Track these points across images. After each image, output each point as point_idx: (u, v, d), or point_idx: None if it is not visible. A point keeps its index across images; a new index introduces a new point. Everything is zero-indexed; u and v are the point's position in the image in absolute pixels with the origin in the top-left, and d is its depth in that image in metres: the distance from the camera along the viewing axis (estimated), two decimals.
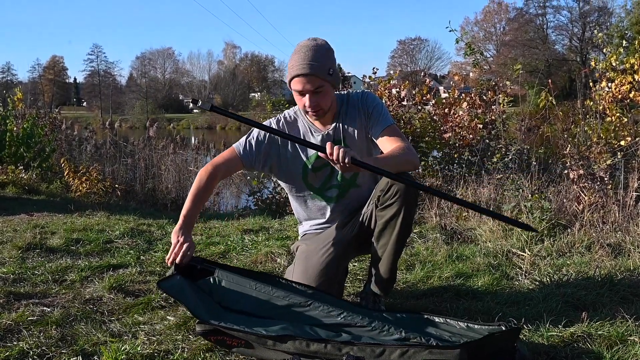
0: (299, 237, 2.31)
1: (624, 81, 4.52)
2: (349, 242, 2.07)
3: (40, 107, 11.85)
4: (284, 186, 2.23)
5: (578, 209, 3.54)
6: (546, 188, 3.94)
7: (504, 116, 5.43)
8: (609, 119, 4.51)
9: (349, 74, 6.30)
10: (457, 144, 5.16)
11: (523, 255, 2.82)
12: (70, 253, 2.93)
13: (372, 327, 1.75)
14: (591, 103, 4.79)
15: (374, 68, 5.73)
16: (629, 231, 3.13)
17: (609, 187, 3.68)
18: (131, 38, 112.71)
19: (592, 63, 5.00)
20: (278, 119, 2.13)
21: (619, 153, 4.07)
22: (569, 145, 4.22)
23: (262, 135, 2.08)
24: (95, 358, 1.68)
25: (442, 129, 5.34)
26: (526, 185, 3.88)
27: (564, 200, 3.69)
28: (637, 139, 4.20)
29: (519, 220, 3.33)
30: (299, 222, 2.29)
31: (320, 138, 2.05)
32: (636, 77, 4.46)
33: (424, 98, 5.61)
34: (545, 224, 3.22)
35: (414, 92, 5.73)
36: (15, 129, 7.04)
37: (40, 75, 64.49)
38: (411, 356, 1.50)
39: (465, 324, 1.77)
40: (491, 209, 3.71)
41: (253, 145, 2.06)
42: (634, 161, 3.91)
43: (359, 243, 2.08)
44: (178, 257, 1.80)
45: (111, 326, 1.91)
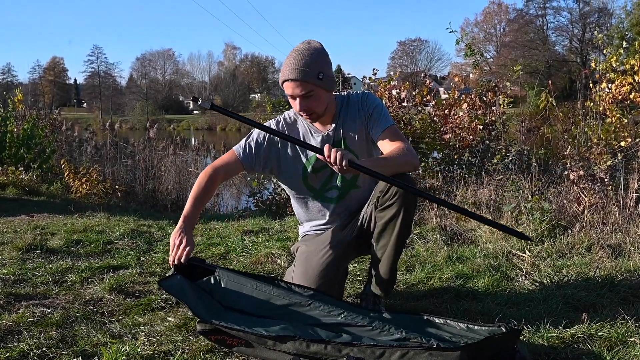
0: (299, 237, 2.31)
1: (624, 82, 4.52)
2: (349, 243, 2.07)
3: (41, 108, 11.83)
4: (284, 187, 2.23)
5: (578, 210, 3.54)
6: (546, 189, 3.94)
7: (504, 117, 5.42)
8: (609, 120, 4.52)
9: (349, 75, 6.31)
10: (457, 145, 5.16)
11: (523, 257, 2.82)
12: (71, 254, 2.93)
13: (372, 327, 1.75)
14: (591, 104, 4.79)
15: (374, 69, 5.75)
16: (629, 232, 3.13)
17: (609, 188, 3.68)
18: (131, 39, 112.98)
19: (592, 64, 5.00)
20: (278, 120, 2.13)
21: (619, 154, 4.07)
22: (569, 146, 4.23)
23: (261, 137, 2.08)
24: (96, 359, 1.68)
25: (442, 130, 5.34)
26: (526, 186, 3.88)
27: (564, 201, 3.69)
28: (637, 140, 4.20)
29: (515, 228, 3.34)
30: (300, 222, 2.29)
31: (320, 139, 2.05)
32: (636, 78, 4.46)
33: (424, 99, 5.60)
34: (545, 225, 3.22)
35: (414, 93, 5.72)
36: (15, 130, 7.05)
37: (40, 76, 64.59)
38: (411, 358, 1.50)
39: (466, 324, 1.78)
40: (491, 210, 3.71)
41: (253, 148, 2.06)
42: (634, 162, 3.91)
43: (359, 244, 2.08)
44: (177, 257, 1.81)
45: (111, 327, 1.91)
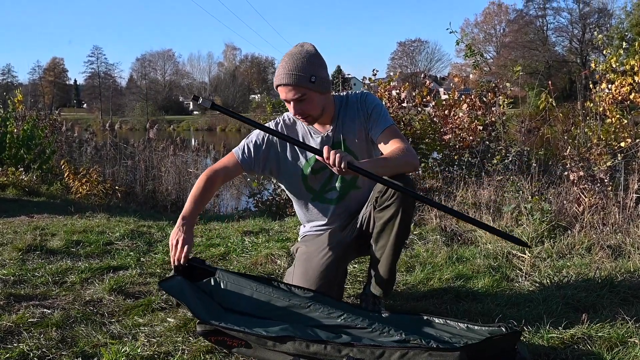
0: (299, 238, 2.31)
1: (624, 83, 4.53)
2: (348, 244, 2.07)
3: (41, 108, 11.84)
4: (285, 188, 2.23)
5: (578, 210, 3.54)
6: (546, 190, 3.94)
7: (504, 118, 5.43)
8: (609, 120, 4.52)
9: (349, 76, 6.31)
10: (457, 146, 5.16)
11: (523, 257, 2.82)
12: (71, 255, 2.93)
13: (372, 329, 1.75)
14: (591, 105, 4.80)
15: (374, 70, 5.74)
16: (629, 233, 3.13)
17: (609, 188, 3.68)
18: (131, 39, 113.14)
19: (592, 65, 5.00)
20: (277, 121, 2.12)
21: (619, 154, 4.07)
22: (569, 147, 4.23)
23: (260, 138, 2.07)
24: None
25: (442, 130, 5.34)
26: (526, 187, 3.88)
27: (564, 202, 3.69)
28: (637, 140, 4.20)
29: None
30: (301, 222, 2.29)
31: (319, 140, 2.05)
32: (636, 78, 4.46)
33: (424, 100, 5.61)
34: (545, 225, 3.22)
35: (414, 93, 5.73)
36: (15, 130, 7.05)
37: (40, 77, 64.65)
38: (411, 358, 1.50)
39: (466, 325, 1.78)
40: (491, 210, 3.71)
41: (252, 150, 2.06)
42: (634, 163, 3.91)
43: (359, 244, 2.08)
44: (177, 256, 1.82)
45: (111, 328, 1.91)
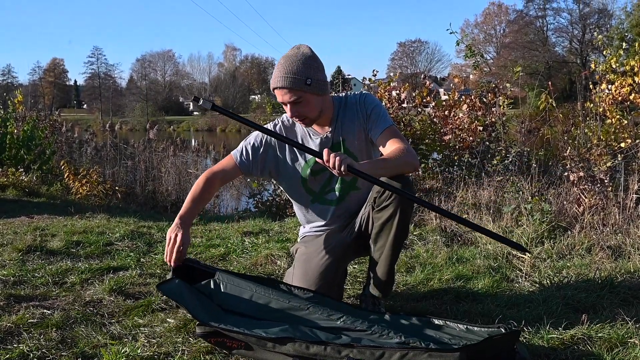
0: (298, 238, 2.31)
1: (624, 83, 4.53)
2: (348, 245, 2.07)
3: (41, 109, 11.86)
4: (284, 189, 2.23)
5: (578, 211, 3.54)
6: (546, 190, 3.94)
7: (504, 118, 5.43)
8: (609, 121, 4.52)
9: (349, 76, 6.31)
10: (457, 146, 5.16)
11: (523, 258, 2.82)
12: (71, 255, 2.93)
13: (371, 331, 1.75)
14: (591, 105, 4.80)
15: (374, 70, 5.74)
16: (629, 233, 3.13)
17: (609, 189, 3.68)
18: (131, 40, 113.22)
19: (592, 65, 5.01)
20: (275, 123, 2.12)
21: (619, 155, 4.07)
22: (569, 148, 4.23)
23: (258, 140, 2.07)
24: None
25: (442, 131, 5.34)
26: (526, 188, 3.88)
27: (564, 203, 3.69)
28: (637, 141, 4.20)
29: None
30: (301, 223, 2.29)
31: (318, 141, 2.05)
32: (636, 79, 4.47)
33: (424, 100, 5.61)
34: (545, 226, 3.22)
35: (414, 94, 5.73)
36: (15, 131, 7.04)
37: (40, 77, 64.72)
38: (411, 359, 1.50)
39: (465, 326, 1.77)
40: (491, 211, 3.71)
41: (250, 152, 2.06)
42: (634, 163, 3.91)
43: (358, 245, 2.07)
44: (174, 253, 1.82)
45: (111, 329, 1.91)
